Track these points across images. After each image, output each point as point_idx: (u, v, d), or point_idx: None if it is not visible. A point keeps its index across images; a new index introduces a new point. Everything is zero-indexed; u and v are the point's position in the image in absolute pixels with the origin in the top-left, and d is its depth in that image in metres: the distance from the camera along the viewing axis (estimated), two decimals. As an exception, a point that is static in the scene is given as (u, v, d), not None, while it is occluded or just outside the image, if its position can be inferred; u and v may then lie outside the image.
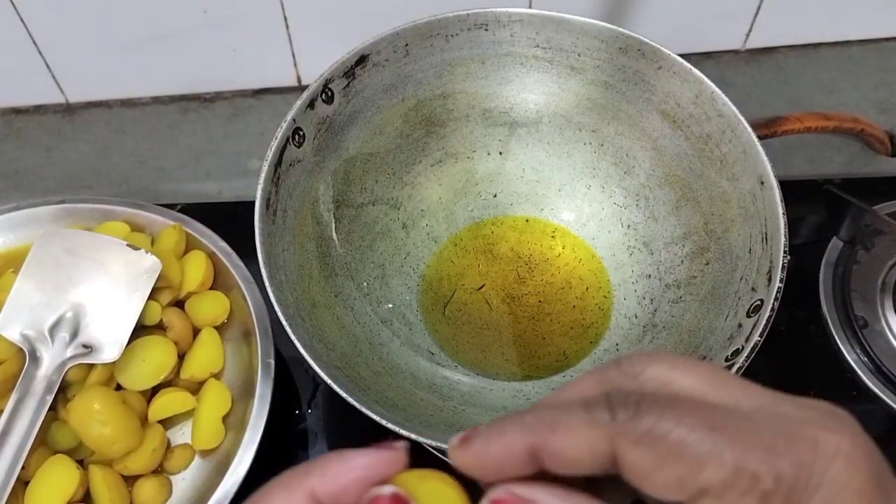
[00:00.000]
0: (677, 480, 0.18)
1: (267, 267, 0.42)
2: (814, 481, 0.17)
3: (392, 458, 0.20)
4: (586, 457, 0.19)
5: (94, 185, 0.62)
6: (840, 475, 0.17)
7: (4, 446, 0.41)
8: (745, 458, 0.17)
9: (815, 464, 0.17)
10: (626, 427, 0.18)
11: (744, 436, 0.18)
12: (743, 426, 0.18)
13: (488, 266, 0.53)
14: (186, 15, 0.60)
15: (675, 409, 0.18)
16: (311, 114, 0.47)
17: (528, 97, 0.53)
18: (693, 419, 0.18)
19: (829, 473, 0.17)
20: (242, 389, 0.47)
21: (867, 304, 0.52)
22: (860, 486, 0.17)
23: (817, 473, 0.17)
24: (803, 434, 0.18)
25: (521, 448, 0.19)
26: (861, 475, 0.17)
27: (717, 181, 0.48)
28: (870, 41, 0.68)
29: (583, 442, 0.19)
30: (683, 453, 0.18)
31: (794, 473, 0.17)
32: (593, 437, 0.18)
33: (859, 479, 0.17)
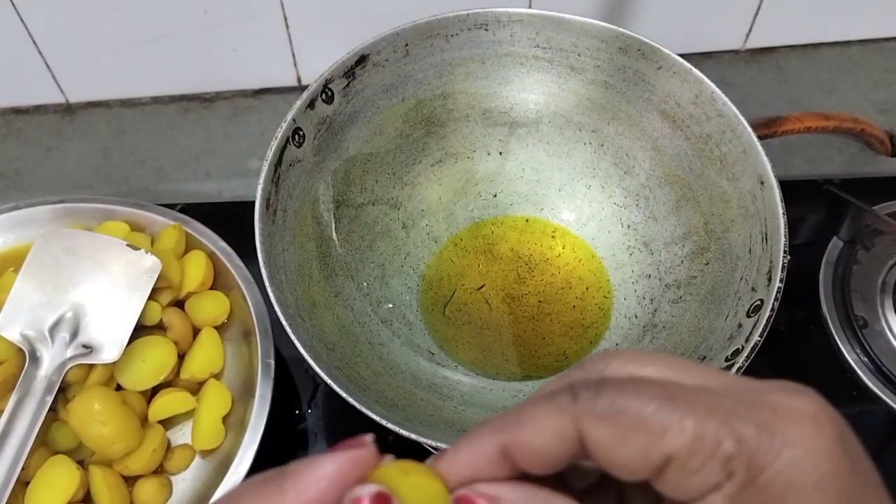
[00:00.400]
0: (641, 452, 0.18)
1: (267, 267, 0.42)
2: (777, 443, 0.17)
3: (361, 457, 0.19)
4: (555, 444, 0.19)
5: (94, 185, 0.62)
6: (804, 436, 0.17)
7: (4, 447, 0.41)
8: (705, 424, 0.17)
9: (777, 426, 0.17)
10: (588, 406, 0.18)
11: (703, 403, 0.18)
12: (703, 396, 0.18)
13: (488, 266, 0.53)
14: (186, 15, 0.60)
15: (635, 386, 0.18)
16: (311, 114, 0.47)
17: (528, 97, 0.53)
18: (653, 393, 0.18)
19: (793, 435, 0.17)
20: (242, 389, 0.47)
21: (867, 304, 0.52)
22: (826, 446, 0.17)
23: (780, 435, 0.17)
24: (764, 400, 0.18)
25: (492, 450, 0.19)
26: (827, 436, 0.17)
27: (717, 181, 0.48)
28: (870, 41, 0.68)
29: (549, 429, 0.19)
30: (644, 424, 0.18)
31: (757, 436, 0.17)
32: (558, 423, 0.18)
33: (825, 439, 0.17)
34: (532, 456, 0.19)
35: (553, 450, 0.19)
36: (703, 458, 0.17)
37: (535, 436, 0.19)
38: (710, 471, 0.17)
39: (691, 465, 0.17)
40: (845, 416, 0.18)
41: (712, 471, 0.17)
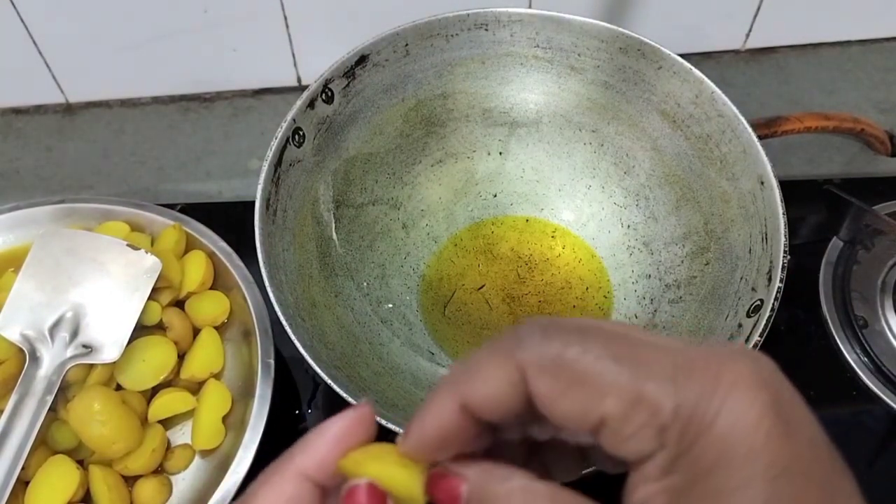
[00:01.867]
0: (580, 409, 0.18)
1: (267, 267, 0.42)
2: (712, 411, 0.17)
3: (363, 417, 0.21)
4: (504, 392, 0.19)
5: (94, 185, 0.62)
6: (738, 404, 0.17)
7: (4, 446, 0.41)
8: (644, 389, 0.17)
9: (714, 393, 0.17)
10: (533, 354, 0.18)
11: (646, 366, 0.18)
12: (647, 356, 0.18)
13: (488, 266, 0.53)
14: (186, 15, 0.60)
15: (582, 335, 0.18)
16: (311, 114, 0.47)
17: (528, 97, 0.53)
18: (599, 348, 0.18)
19: (728, 403, 0.17)
20: (242, 389, 0.47)
21: (867, 304, 0.52)
22: (758, 413, 0.17)
23: (716, 403, 0.17)
24: (706, 366, 0.18)
25: (451, 409, 0.19)
26: (760, 404, 0.17)
27: (717, 181, 0.48)
28: (870, 41, 0.68)
29: (496, 378, 0.19)
30: (586, 382, 0.18)
31: (693, 403, 0.17)
32: (504, 371, 0.19)
33: (757, 407, 0.17)
34: (486, 405, 0.19)
35: (503, 397, 0.19)
36: (637, 426, 0.17)
37: (484, 386, 0.19)
38: (644, 438, 0.18)
39: (625, 431, 0.18)
40: (845, 415, 0.18)
41: (645, 438, 0.18)
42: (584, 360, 0.18)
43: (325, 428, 0.21)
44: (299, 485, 0.20)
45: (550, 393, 0.18)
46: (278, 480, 0.20)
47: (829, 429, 0.18)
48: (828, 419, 0.51)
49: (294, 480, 0.20)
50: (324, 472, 0.20)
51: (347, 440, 0.20)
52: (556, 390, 0.18)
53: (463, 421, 0.20)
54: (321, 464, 0.20)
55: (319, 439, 0.20)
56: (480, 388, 0.19)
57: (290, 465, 0.20)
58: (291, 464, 0.20)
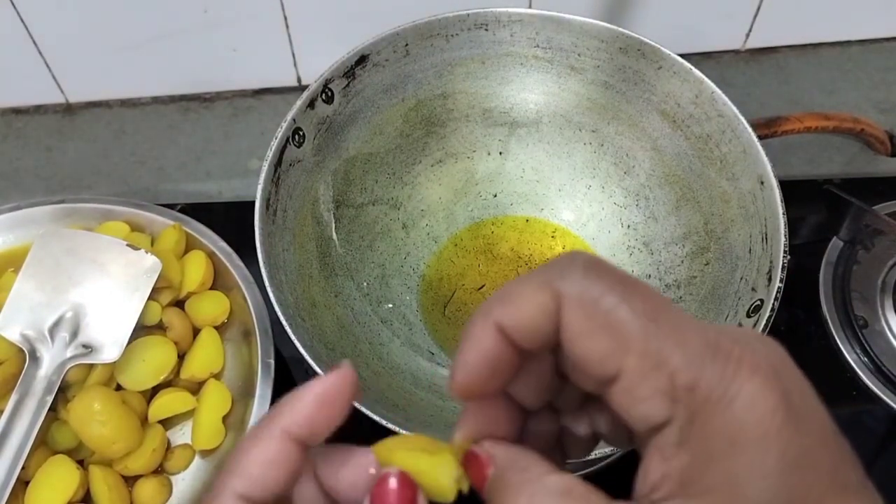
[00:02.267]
0: (602, 354, 0.18)
1: (267, 267, 0.42)
2: (731, 393, 0.17)
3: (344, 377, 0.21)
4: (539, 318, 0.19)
5: (94, 185, 0.62)
6: (757, 391, 0.17)
7: (4, 446, 0.41)
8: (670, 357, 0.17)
9: (735, 376, 0.17)
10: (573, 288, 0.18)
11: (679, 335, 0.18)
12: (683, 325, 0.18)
13: (488, 266, 0.53)
14: (186, 15, 0.60)
15: (625, 286, 0.18)
16: (311, 114, 0.47)
17: (528, 97, 0.53)
18: (639, 303, 0.18)
19: (747, 387, 0.17)
20: (242, 389, 0.47)
21: (867, 304, 0.52)
22: (775, 402, 0.17)
23: (736, 386, 0.17)
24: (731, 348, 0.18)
25: (489, 337, 0.20)
26: (775, 395, 0.17)
27: (717, 181, 0.48)
28: (870, 41, 0.68)
29: (532, 302, 0.19)
30: (617, 330, 0.18)
31: (713, 383, 0.17)
32: (542, 298, 0.19)
33: (775, 396, 0.17)
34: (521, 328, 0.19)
35: (538, 323, 0.19)
36: (651, 390, 0.18)
37: (520, 310, 0.19)
38: (654, 404, 0.18)
39: (638, 392, 0.18)
40: (845, 415, 0.19)
41: (655, 404, 0.18)
42: (620, 309, 0.18)
43: (308, 388, 0.21)
44: (284, 443, 0.21)
45: (579, 329, 0.18)
46: (264, 439, 0.21)
47: (828, 429, 0.19)
48: (828, 419, 0.51)
49: (279, 439, 0.21)
50: (306, 431, 0.21)
51: (329, 400, 0.21)
52: (585, 329, 0.18)
53: (501, 345, 0.20)
54: (303, 423, 0.21)
55: (302, 400, 0.21)
56: (516, 312, 0.19)
57: (275, 425, 0.21)
58: (276, 423, 0.21)
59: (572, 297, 0.18)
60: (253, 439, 0.21)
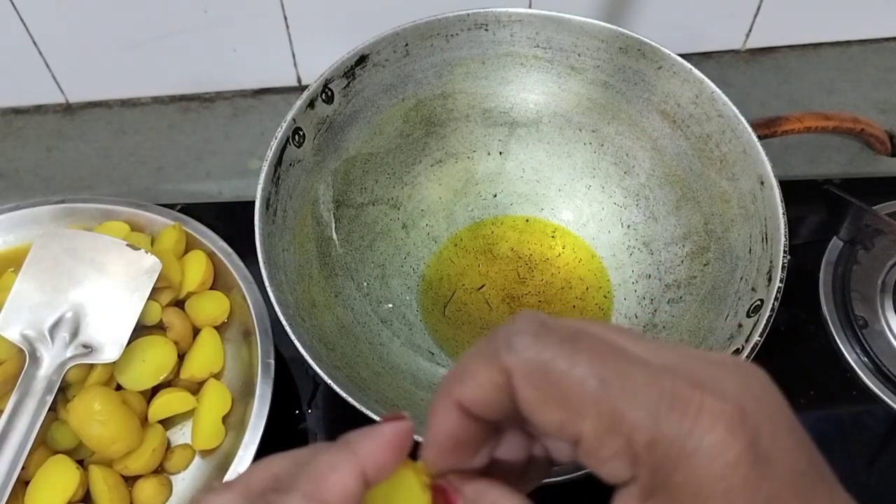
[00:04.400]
0: (559, 423, 0.18)
1: (267, 267, 0.42)
2: (689, 448, 0.17)
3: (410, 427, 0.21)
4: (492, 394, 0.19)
5: (94, 185, 0.62)
6: (716, 444, 0.17)
7: (4, 446, 0.41)
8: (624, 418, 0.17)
9: (693, 430, 0.17)
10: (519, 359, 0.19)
11: (631, 392, 0.17)
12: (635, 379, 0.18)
13: (488, 266, 0.53)
14: (186, 15, 0.60)
15: (573, 347, 0.18)
16: (311, 114, 0.47)
17: (528, 97, 0.53)
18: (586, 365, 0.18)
19: (706, 441, 0.17)
20: (242, 389, 0.47)
21: (867, 304, 0.52)
22: (736, 457, 0.17)
23: (695, 441, 0.17)
24: (690, 396, 0.17)
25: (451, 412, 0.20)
26: (739, 445, 0.17)
27: (717, 181, 0.48)
28: (870, 41, 0.68)
29: (484, 380, 0.19)
30: (568, 398, 0.18)
31: (671, 439, 0.17)
32: (491, 374, 0.19)
33: (736, 448, 0.17)
34: (478, 405, 0.20)
35: (492, 398, 0.19)
36: (612, 452, 0.18)
37: (473, 388, 0.20)
38: (618, 464, 0.18)
39: (600, 454, 0.18)
40: (845, 415, 0.18)
41: (620, 465, 0.18)
42: (568, 376, 0.18)
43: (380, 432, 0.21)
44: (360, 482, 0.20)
45: (533, 401, 0.19)
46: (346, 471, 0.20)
47: (829, 429, 0.19)
48: (828, 419, 0.51)
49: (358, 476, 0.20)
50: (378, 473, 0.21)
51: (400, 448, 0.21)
52: (539, 400, 0.18)
53: (465, 421, 0.20)
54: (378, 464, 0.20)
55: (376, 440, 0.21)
56: (470, 390, 0.20)
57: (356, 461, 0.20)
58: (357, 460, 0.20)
59: (519, 371, 0.19)
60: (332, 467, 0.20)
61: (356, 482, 0.20)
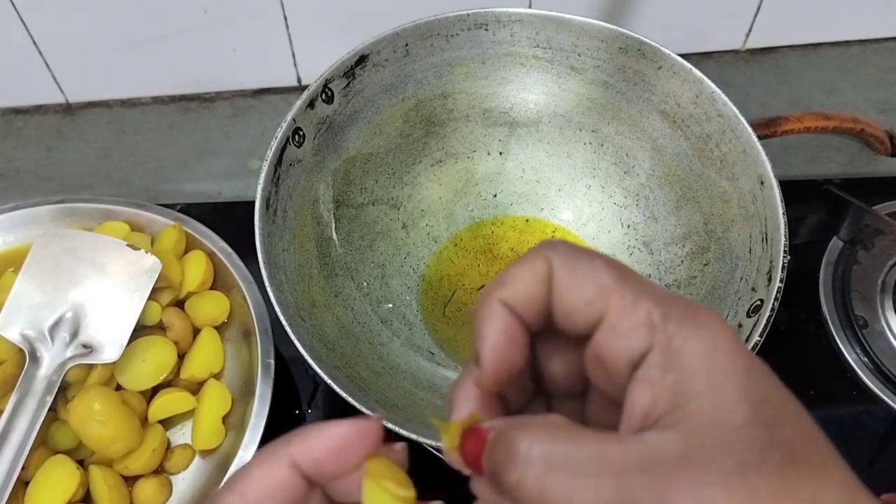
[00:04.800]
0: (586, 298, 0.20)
1: (267, 267, 0.42)
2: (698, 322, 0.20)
3: (370, 429, 0.21)
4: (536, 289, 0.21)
5: (94, 185, 0.62)
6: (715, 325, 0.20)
7: (4, 446, 0.41)
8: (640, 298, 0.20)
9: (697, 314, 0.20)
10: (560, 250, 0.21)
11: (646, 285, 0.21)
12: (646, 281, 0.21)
13: (488, 266, 0.53)
14: (186, 15, 0.60)
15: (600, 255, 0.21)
16: (311, 114, 0.47)
17: (528, 97, 0.53)
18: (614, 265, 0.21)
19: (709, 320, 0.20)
20: (242, 389, 0.47)
21: (867, 304, 0.52)
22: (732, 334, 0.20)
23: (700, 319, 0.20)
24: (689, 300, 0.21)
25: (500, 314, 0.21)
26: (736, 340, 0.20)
27: (717, 181, 0.48)
28: (870, 41, 0.68)
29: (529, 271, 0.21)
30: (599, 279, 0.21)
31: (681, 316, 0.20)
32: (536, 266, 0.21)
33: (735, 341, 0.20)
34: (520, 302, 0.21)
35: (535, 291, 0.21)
36: (634, 323, 0.20)
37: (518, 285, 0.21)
38: (638, 336, 0.20)
39: (622, 327, 0.20)
40: (845, 415, 0.19)
41: (640, 337, 0.20)
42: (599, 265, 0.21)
43: (329, 427, 0.21)
44: (291, 473, 0.21)
45: (567, 282, 0.21)
46: (271, 464, 0.21)
47: (829, 429, 0.19)
48: (828, 419, 0.51)
49: (285, 467, 0.21)
50: (316, 469, 0.21)
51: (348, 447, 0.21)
52: (573, 281, 0.21)
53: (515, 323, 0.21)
54: (316, 460, 0.21)
55: (320, 435, 0.21)
56: (516, 285, 0.21)
57: (284, 452, 0.21)
58: (285, 451, 0.21)
59: (560, 259, 0.21)
60: (260, 461, 0.21)
61: (285, 473, 0.21)
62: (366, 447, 0.21)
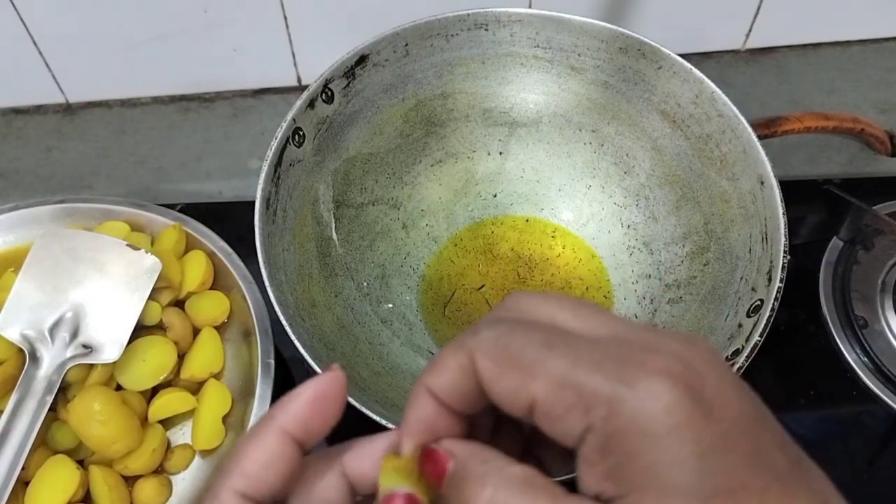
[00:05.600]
0: (514, 389, 0.20)
1: (267, 267, 0.42)
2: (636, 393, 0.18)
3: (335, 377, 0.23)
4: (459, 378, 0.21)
5: (94, 185, 0.62)
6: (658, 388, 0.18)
7: (4, 446, 0.41)
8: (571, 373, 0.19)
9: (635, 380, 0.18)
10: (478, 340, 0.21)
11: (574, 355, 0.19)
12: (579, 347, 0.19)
13: (488, 266, 0.53)
14: (186, 15, 0.60)
15: (525, 329, 0.20)
16: (311, 114, 0.47)
17: (528, 97, 0.53)
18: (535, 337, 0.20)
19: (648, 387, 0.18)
20: (242, 389, 0.47)
21: (867, 304, 0.52)
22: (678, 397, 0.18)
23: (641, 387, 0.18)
24: (634, 356, 0.19)
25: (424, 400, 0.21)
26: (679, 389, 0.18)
27: (717, 181, 0.48)
28: (870, 41, 0.68)
29: (451, 364, 0.21)
30: (520, 365, 0.19)
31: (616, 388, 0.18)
32: (458, 358, 0.21)
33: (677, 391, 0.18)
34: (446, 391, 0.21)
35: (458, 382, 0.21)
36: (565, 407, 0.19)
37: (442, 374, 0.21)
38: (572, 419, 0.19)
39: (554, 412, 0.19)
40: (845, 415, 0.19)
41: (574, 419, 0.19)
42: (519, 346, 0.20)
43: (302, 389, 0.22)
44: (282, 441, 0.22)
45: (490, 374, 0.20)
46: (262, 438, 0.22)
47: (829, 429, 0.19)
48: (828, 419, 0.51)
49: (276, 438, 0.22)
50: (302, 431, 0.22)
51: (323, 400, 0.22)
52: (495, 372, 0.20)
53: (439, 410, 0.21)
54: (299, 422, 0.22)
55: (297, 400, 0.22)
56: (439, 376, 0.21)
57: (272, 424, 0.22)
58: (273, 423, 0.22)
59: (479, 349, 0.20)
60: (251, 438, 0.22)
61: (277, 443, 0.21)
62: (338, 395, 0.22)
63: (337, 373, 0.22)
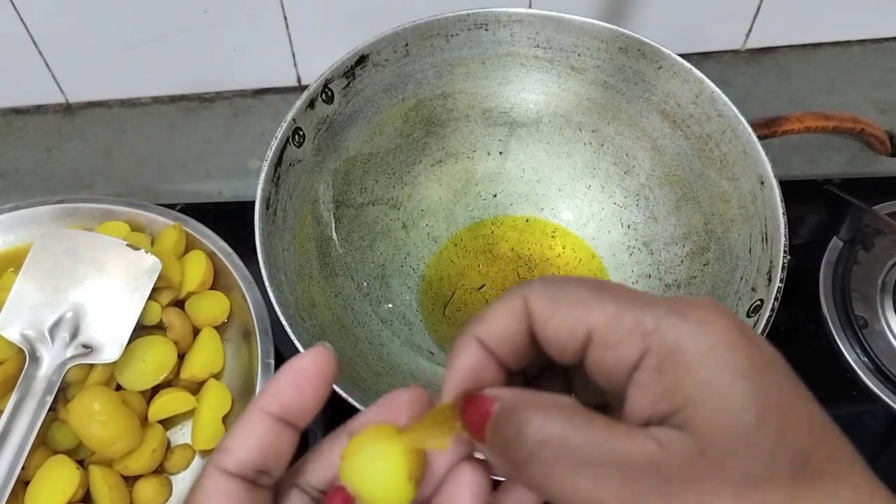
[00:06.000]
0: (570, 323, 0.20)
1: (267, 267, 0.42)
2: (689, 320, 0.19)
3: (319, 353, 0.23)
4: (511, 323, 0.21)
5: (94, 185, 0.62)
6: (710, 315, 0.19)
7: (4, 446, 0.41)
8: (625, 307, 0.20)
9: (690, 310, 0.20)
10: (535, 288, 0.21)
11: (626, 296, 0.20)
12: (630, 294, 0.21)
13: (488, 266, 0.53)
14: (186, 15, 0.60)
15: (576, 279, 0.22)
16: (311, 114, 0.47)
17: (528, 97, 0.53)
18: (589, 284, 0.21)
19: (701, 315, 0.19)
20: (242, 389, 0.47)
21: (867, 304, 0.52)
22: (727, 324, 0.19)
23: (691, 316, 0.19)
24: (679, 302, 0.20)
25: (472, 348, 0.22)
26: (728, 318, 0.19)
27: (717, 181, 0.48)
28: (870, 41, 0.68)
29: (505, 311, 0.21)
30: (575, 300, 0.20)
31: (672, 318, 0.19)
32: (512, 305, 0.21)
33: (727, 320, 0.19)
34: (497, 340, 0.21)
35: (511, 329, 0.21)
36: (622, 333, 0.20)
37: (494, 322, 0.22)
38: (629, 344, 0.19)
39: (611, 340, 0.20)
40: (845, 415, 0.19)
41: (631, 345, 0.19)
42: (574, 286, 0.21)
43: (284, 370, 0.23)
44: (270, 422, 0.22)
45: (545, 312, 0.21)
46: (251, 421, 0.22)
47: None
48: (828, 419, 0.51)
49: (265, 419, 0.22)
50: (286, 410, 0.22)
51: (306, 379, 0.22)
52: (551, 310, 0.21)
53: (485, 359, 0.22)
54: (282, 402, 0.22)
55: (281, 379, 0.22)
56: (490, 324, 0.21)
57: (258, 408, 0.22)
58: (258, 406, 0.22)
59: (535, 294, 0.21)
60: (238, 423, 0.22)
61: (265, 424, 0.22)
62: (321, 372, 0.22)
63: (320, 349, 0.23)
